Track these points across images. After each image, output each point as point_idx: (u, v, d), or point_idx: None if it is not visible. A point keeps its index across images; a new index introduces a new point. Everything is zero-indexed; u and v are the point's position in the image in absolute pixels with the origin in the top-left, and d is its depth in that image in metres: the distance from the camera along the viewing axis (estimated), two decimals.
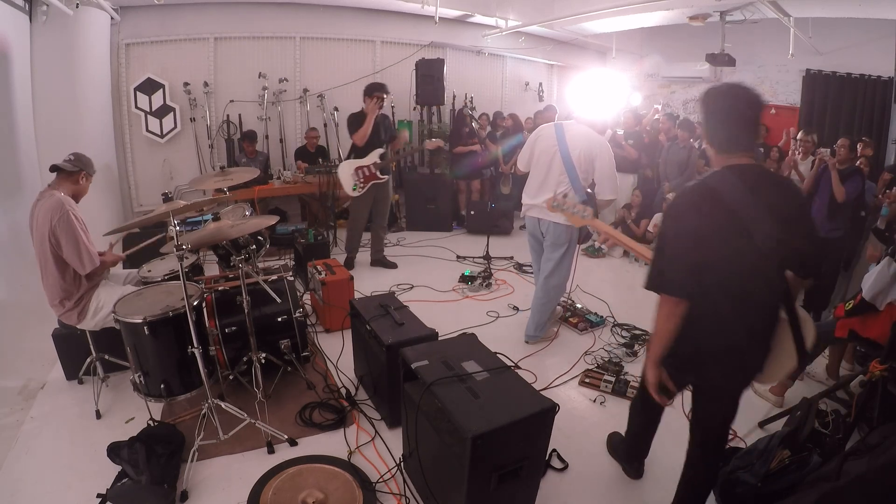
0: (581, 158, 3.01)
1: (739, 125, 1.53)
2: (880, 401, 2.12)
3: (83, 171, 2.53)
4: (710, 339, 1.61)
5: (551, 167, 3.07)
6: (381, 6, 6.13)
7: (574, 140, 3.03)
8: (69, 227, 2.35)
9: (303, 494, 2.02)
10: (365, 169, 4.44)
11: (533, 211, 3.22)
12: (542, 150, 3.13)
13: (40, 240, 2.38)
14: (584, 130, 3.08)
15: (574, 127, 3.10)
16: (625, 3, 5.31)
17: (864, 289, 2.50)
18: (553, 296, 3.35)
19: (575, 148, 3.01)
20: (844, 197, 3.61)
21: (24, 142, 4.06)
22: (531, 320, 3.42)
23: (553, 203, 1.75)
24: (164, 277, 2.85)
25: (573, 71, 8.35)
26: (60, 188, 2.47)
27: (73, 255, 2.39)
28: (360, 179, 4.45)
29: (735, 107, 1.53)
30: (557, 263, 3.23)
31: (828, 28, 5.65)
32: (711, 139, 1.58)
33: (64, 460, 2.26)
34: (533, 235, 3.35)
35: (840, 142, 3.78)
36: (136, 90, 5.40)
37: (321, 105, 6.29)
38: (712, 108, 1.57)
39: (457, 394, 1.81)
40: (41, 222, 2.37)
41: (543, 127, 3.24)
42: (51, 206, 2.37)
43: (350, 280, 3.54)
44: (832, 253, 3.82)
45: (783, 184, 1.64)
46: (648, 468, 2.29)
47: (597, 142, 3.05)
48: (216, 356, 2.62)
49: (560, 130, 3.09)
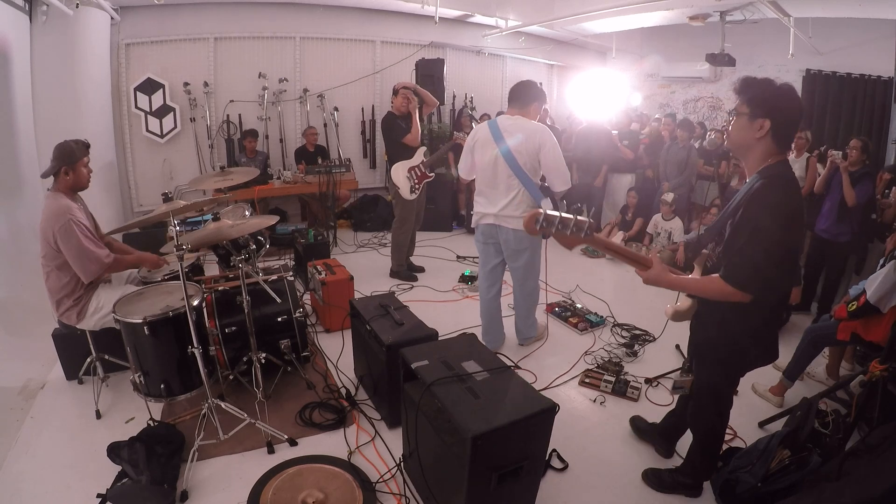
0: (524, 154, 2.79)
1: (798, 128, 1.64)
2: (880, 401, 2.11)
3: (62, 166, 2.44)
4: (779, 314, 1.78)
5: (496, 171, 2.86)
6: (381, 6, 6.13)
7: (512, 135, 2.80)
8: (70, 237, 2.35)
9: (303, 494, 2.02)
10: (416, 169, 4.28)
11: (487, 219, 3.00)
12: (481, 155, 2.92)
13: (44, 240, 2.39)
14: (519, 122, 2.83)
15: (508, 121, 2.86)
16: (625, 3, 5.31)
17: (868, 292, 2.48)
18: (533, 298, 3.25)
19: (515, 144, 2.78)
20: (855, 201, 3.60)
21: (24, 142, 4.06)
22: (519, 324, 3.32)
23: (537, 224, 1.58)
24: (164, 277, 2.85)
25: (573, 71, 8.36)
26: (59, 188, 2.48)
27: (75, 264, 2.40)
28: (415, 181, 4.27)
29: (802, 110, 1.62)
30: (526, 269, 3.08)
31: (828, 28, 5.65)
32: (782, 133, 1.59)
33: (64, 460, 2.26)
34: (488, 242, 3.09)
35: (852, 143, 3.73)
36: (136, 90, 5.40)
37: (321, 105, 6.29)
38: (794, 107, 1.60)
39: (457, 394, 1.81)
40: (44, 225, 2.38)
41: (479, 128, 3.01)
42: (52, 213, 2.37)
43: (350, 280, 3.54)
44: (837, 256, 3.81)
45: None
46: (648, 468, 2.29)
47: (536, 130, 2.79)
48: (216, 356, 2.62)
49: (495, 128, 2.85)
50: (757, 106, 1.58)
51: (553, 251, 5.52)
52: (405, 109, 4.20)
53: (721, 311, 1.70)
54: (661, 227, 5.22)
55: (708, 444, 2.06)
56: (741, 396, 2.88)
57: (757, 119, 1.58)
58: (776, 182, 1.56)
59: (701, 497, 2.14)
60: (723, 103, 7.47)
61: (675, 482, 2.15)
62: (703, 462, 2.10)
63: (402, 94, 4.18)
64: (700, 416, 2.02)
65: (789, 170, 1.62)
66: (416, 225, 4.59)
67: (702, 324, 1.86)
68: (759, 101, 1.58)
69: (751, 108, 1.59)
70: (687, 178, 5.33)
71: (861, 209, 3.71)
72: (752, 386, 2.94)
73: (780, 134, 1.58)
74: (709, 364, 1.90)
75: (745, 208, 1.58)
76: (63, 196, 2.45)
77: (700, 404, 1.98)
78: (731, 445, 2.40)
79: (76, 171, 2.48)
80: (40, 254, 2.45)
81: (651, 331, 3.58)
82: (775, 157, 1.61)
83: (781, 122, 1.57)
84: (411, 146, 4.22)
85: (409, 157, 4.26)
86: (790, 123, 1.60)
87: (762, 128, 1.57)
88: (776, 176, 1.57)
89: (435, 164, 4.50)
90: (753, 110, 1.58)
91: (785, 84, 1.59)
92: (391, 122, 4.23)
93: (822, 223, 3.86)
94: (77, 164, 2.48)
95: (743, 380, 2.91)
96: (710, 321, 1.80)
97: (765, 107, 1.57)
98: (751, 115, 1.59)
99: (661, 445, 2.40)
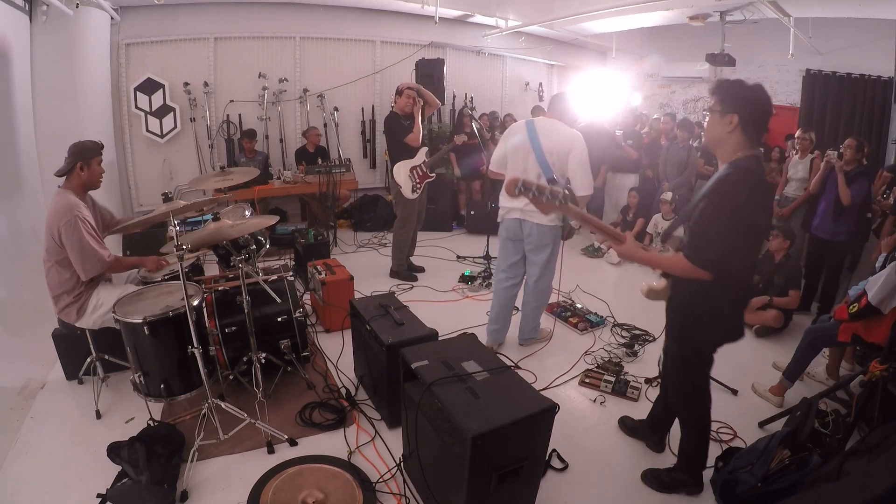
0: (555, 154, 2.92)
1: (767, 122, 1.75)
2: (880, 401, 2.12)
3: (78, 161, 2.48)
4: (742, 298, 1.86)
5: (527, 167, 2.98)
6: (381, 6, 6.13)
7: (547, 136, 2.94)
8: (74, 232, 2.36)
9: (303, 494, 2.02)
10: (418, 169, 4.29)
11: (513, 213, 3.11)
12: (515, 150, 3.04)
13: (48, 235, 2.41)
14: (555, 125, 2.99)
15: (545, 123, 3.03)
16: (625, 3, 5.31)
17: (869, 293, 2.47)
18: (544, 298, 3.29)
19: (548, 144, 2.92)
20: (850, 200, 3.60)
21: (24, 142, 4.06)
22: (524, 324, 3.36)
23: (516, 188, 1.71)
24: (164, 277, 2.85)
25: (573, 71, 8.36)
26: (70, 185, 2.49)
27: (76, 261, 2.40)
28: (416, 181, 4.28)
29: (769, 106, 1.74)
30: (544, 266, 3.14)
31: (828, 28, 5.65)
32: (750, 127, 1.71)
33: (64, 460, 2.26)
34: (511, 239, 3.20)
35: (847, 142, 3.74)
36: (136, 90, 5.40)
37: (321, 105, 6.29)
38: (760, 102, 1.72)
39: (457, 394, 1.81)
40: (50, 221, 2.39)
41: (514, 126, 3.15)
42: (59, 208, 2.38)
43: (350, 280, 3.54)
44: (835, 255, 3.82)
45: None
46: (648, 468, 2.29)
47: (569, 135, 2.95)
48: (216, 356, 2.62)
49: (531, 127, 3.00)
50: (727, 102, 1.73)
51: None
52: (409, 109, 4.20)
53: (689, 292, 1.85)
54: (662, 226, 5.22)
55: (693, 423, 2.09)
56: (741, 396, 2.88)
57: (727, 114, 1.72)
58: (741, 172, 1.69)
59: (701, 497, 2.14)
60: None
61: (674, 481, 2.16)
62: (696, 448, 2.12)
63: (408, 95, 4.16)
64: (679, 392, 2.10)
65: (758, 164, 1.74)
66: (418, 225, 4.60)
67: (672, 302, 2.00)
68: (728, 98, 1.73)
69: (722, 105, 1.74)
70: (687, 178, 5.33)
71: (857, 208, 3.72)
72: (752, 386, 2.94)
73: (750, 128, 1.71)
74: (677, 338, 2.01)
75: (709, 193, 1.74)
76: (72, 194, 2.46)
77: (676, 378, 2.08)
78: (730, 445, 2.40)
79: (90, 168, 2.53)
80: (43, 248, 2.47)
81: (651, 331, 3.58)
82: (745, 150, 1.74)
83: (749, 116, 1.70)
84: (413, 146, 4.22)
85: (411, 156, 4.26)
86: (758, 117, 1.72)
87: (732, 122, 1.71)
88: (743, 168, 1.70)
89: (436, 165, 4.49)
90: (724, 106, 1.73)
91: (756, 84, 1.73)
92: (394, 121, 4.23)
93: (816, 221, 3.87)
94: (92, 161, 2.53)
95: (743, 380, 2.97)
96: (679, 301, 1.95)
97: (734, 102, 1.72)
98: (721, 111, 1.74)
99: (651, 440, 2.43)
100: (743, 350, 3.48)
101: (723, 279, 1.70)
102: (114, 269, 2.58)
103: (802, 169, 4.37)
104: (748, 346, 3.54)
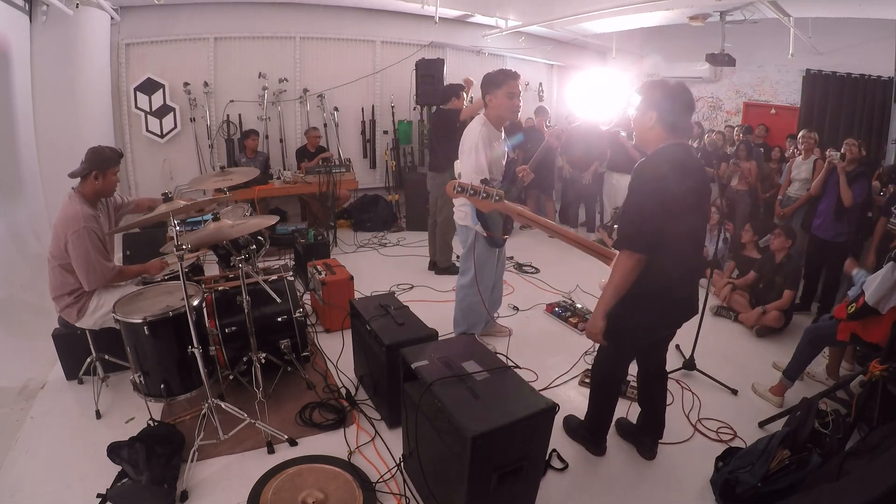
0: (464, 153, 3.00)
1: (690, 115, 1.94)
2: (880, 401, 2.12)
3: (94, 169, 2.47)
4: (679, 286, 1.95)
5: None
6: (381, 6, 6.13)
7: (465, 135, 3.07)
8: (81, 244, 2.36)
9: (303, 494, 2.02)
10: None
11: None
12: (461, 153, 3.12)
13: (56, 238, 2.41)
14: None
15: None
16: (625, 3, 5.31)
17: (866, 293, 2.47)
18: (461, 295, 3.22)
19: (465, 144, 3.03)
20: (851, 201, 3.60)
21: (23, 142, 4.06)
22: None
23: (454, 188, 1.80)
24: (164, 277, 2.85)
25: (573, 71, 8.35)
26: (82, 191, 2.48)
27: (80, 272, 2.41)
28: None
29: (691, 100, 1.92)
30: (462, 262, 3.19)
31: (828, 28, 5.65)
32: (667, 121, 1.85)
33: (64, 460, 2.26)
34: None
35: (848, 142, 3.74)
36: (136, 90, 5.40)
37: (321, 105, 6.29)
38: (678, 97, 1.86)
39: (457, 394, 1.81)
40: (58, 225, 2.40)
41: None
42: (69, 216, 2.38)
43: (350, 280, 3.54)
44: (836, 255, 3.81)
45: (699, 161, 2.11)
46: (648, 468, 2.30)
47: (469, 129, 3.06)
48: (216, 356, 2.62)
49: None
50: (646, 101, 1.90)
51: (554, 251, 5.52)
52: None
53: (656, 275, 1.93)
54: None
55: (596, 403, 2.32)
56: (741, 396, 2.88)
57: (647, 112, 1.89)
58: (653, 156, 1.86)
59: (701, 496, 2.15)
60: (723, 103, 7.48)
61: (577, 433, 2.43)
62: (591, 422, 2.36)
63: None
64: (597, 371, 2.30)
65: (681, 149, 1.87)
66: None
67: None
68: (647, 98, 1.90)
69: (643, 105, 1.90)
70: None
71: (858, 209, 3.71)
72: (752, 386, 2.94)
73: (667, 122, 1.85)
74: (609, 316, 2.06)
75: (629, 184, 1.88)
76: (84, 202, 2.45)
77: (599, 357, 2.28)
78: (730, 445, 2.40)
79: (106, 178, 2.52)
80: (49, 247, 2.47)
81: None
82: (666, 141, 1.87)
83: (666, 111, 1.84)
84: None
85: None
86: (674, 112, 1.85)
87: (651, 118, 1.87)
88: (658, 154, 1.85)
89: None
90: (644, 105, 1.90)
91: (677, 82, 1.89)
92: (458, 122, 4.20)
93: (817, 221, 3.87)
94: (108, 171, 2.52)
95: (743, 380, 2.97)
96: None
97: (651, 101, 1.88)
98: (642, 109, 1.90)
99: (644, 444, 2.38)
100: (743, 350, 3.48)
101: (660, 259, 1.82)
102: (117, 280, 2.59)
103: (806, 170, 4.37)
104: (748, 346, 3.55)
